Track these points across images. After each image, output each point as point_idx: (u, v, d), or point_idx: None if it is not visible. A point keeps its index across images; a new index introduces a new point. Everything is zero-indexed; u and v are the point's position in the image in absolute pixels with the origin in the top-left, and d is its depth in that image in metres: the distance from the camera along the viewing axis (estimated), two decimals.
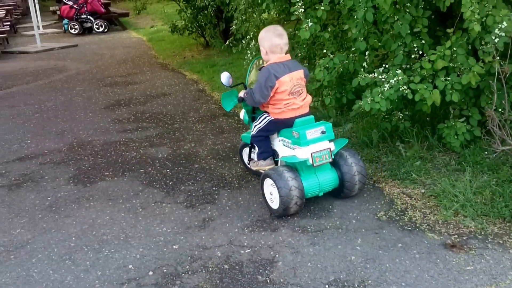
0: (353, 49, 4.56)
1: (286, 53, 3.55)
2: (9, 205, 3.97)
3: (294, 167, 3.46)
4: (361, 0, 3.73)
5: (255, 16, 5.99)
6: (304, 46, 5.55)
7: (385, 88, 3.58)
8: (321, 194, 3.54)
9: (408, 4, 3.70)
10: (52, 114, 6.58)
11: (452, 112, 3.90)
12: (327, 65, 4.31)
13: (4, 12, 13.75)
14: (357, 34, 3.99)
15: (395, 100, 3.61)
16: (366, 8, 3.71)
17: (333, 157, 3.46)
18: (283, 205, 3.32)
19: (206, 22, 9.82)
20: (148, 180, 4.29)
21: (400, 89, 3.60)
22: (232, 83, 3.84)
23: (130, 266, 3.02)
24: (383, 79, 3.67)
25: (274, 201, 3.45)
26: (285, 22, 6.12)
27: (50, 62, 10.68)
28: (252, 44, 5.97)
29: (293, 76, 3.48)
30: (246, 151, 4.17)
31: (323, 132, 3.43)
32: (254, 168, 3.87)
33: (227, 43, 6.65)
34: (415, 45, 3.81)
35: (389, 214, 3.41)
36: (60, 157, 4.98)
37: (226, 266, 2.95)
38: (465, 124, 3.83)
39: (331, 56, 4.35)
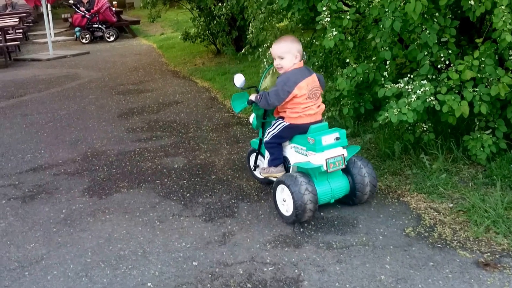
0: (373, 58, 4.45)
1: (302, 60, 3.67)
2: (23, 217, 3.88)
3: (307, 173, 3.45)
4: (388, 9, 3.62)
5: (273, 23, 5.90)
6: (321, 55, 5.45)
7: (412, 99, 3.45)
8: (332, 201, 3.54)
9: (437, 14, 3.59)
10: (65, 122, 6.51)
11: (477, 123, 3.78)
12: (349, 75, 4.19)
13: (17, 19, 13.74)
14: (382, 43, 3.88)
15: (421, 111, 3.49)
16: (393, 18, 3.60)
17: (346, 163, 3.48)
18: (297, 210, 3.30)
19: (219, 30, 9.75)
20: (164, 191, 4.19)
21: (427, 100, 3.47)
22: (244, 86, 3.83)
23: (149, 284, 2.91)
24: (409, 90, 3.55)
25: (287, 208, 3.43)
26: (302, 31, 6.01)
27: (62, 69, 10.65)
28: (269, 52, 5.88)
29: (309, 81, 3.57)
30: (253, 156, 4.15)
31: (337, 139, 3.46)
32: (264, 175, 3.84)
33: (243, 51, 6.55)
34: (441, 55, 3.68)
35: (417, 230, 3.28)
36: (74, 168, 4.90)
37: (249, 285, 2.83)
38: (491, 136, 3.70)
39: (354, 65, 4.24)
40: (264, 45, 6.07)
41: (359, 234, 3.28)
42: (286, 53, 3.58)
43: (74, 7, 15.49)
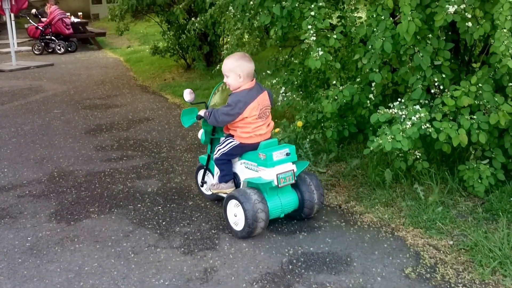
0: (358, 79, 4.35)
1: (253, 78, 3.68)
2: None
3: (258, 188, 3.49)
4: (378, 29, 3.51)
5: (249, 40, 5.75)
6: (300, 73, 5.33)
7: (407, 126, 3.32)
8: (282, 215, 3.61)
9: (430, 35, 3.49)
10: (30, 139, 6.17)
11: (473, 152, 3.66)
12: (336, 97, 4.06)
13: None
14: (371, 65, 3.76)
15: (415, 139, 3.36)
16: (384, 38, 3.49)
17: (295, 179, 3.53)
18: (249, 228, 3.38)
19: (189, 45, 9.55)
20: (138, 218, 3.94)
21: (423, 127, 3.35)
22: (194, 101, 3.83)
23: None
24: (403, 116, 3.42)
25: (238, 223, 3.49)
26: (280, 48, 5.89)
27: (26, 81, 10.22)
28: None
29: (260, 101, 3.61)
30: (201, 172, 4.18)
31: (287, 154, 3.52)
32: (214, 191, 3.85)
33: (217, 67, 6.37)
34: (435, 79, 3.58)
35: (417, 270, 3.08)
36: (40, 189, 4.59)
37: None
38: (488, 167, 3.57)
39: (341, 87, 4.12)
40: None
41: (354, 274, 3.06)
42: (229, 71, 3.61)
43: (28, 17, 15.19)
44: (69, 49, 14.66)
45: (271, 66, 5.83)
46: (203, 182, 4.14)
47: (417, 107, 3.49)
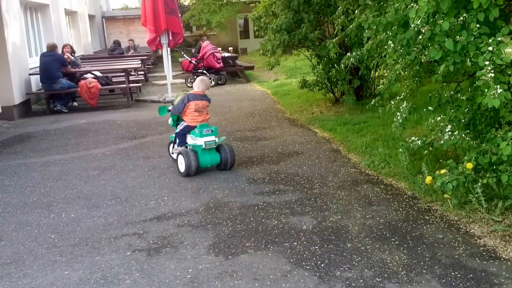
0: None
1: (202, 90, 6.37)
2: (148, 274, 3.66)
3: (195, 150, 6.14)
4: None
5: (409, 74, 5.46)
6: (467, 110, 4.90)
7: None
8: (210, 166, 6.18)
9: None
10: None
11: None
12: None
13: (139, 62, 14.41)
14: None
15: None
16: None
17: (216, 145, 6.13)
18: (187, 170, 5.99)
19: (339, 78, 9.43)
20: (295, 258, 3.81)
21: None
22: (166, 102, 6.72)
23: None
24: None
25: (182, 168, 6.06)
26: (443, 84, 5.50)
27: None
28: (404, 105, 5.43)
29: (198, 103, 6.25)
30: (171, 145, 6.74)
31: (212, 131, 6.13)
32: (175, 152, 6.38)
33: (372, 102, 6.15)
34: None
35: None
36: (198, 219, 4.68)
37: None
38: None
39: None
40: (397, 98, 5.64)
41: None
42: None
43: (182, 52, 16.23)
44: (219, 82, 15.36)
45: (433, 102, 5.46)
46: (173, 154, 6.63)
47: None
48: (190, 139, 6.24)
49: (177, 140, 6.40)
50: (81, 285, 3.58)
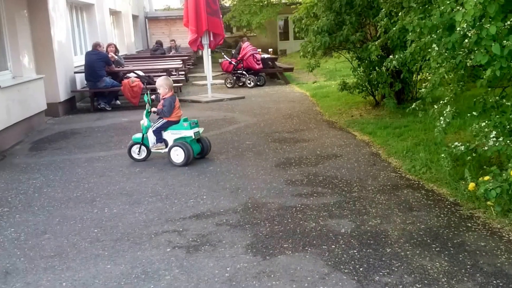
0: None
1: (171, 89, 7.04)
2: (188, 271, 3.72)
3: (184, 141, 6.76)
4: None
5: (454, 78, 5.37)
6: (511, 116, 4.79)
7: None
8: (195, 155, 6.82)
9: None
10: (225, 168, 6.48)
11: None
12: None
13: (181, 62, 14.61)
14: None
15: None
16: None
17: (199, 136, 6.96)
18: (186, 159, 6.61)
19: (381, 81, 9.34)
20: (333, 261, 3.80)
21: None
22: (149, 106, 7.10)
23: None
24: None
25: (179, 158, 6.66)
26: (489, 89, 5.39)
27: (220, 112, 10.94)
28: (448, 110, 5.34)
29: (177, 102, 7.01)
30: (132, 149, 7.09)
31: (196, 124, 6.96)
32: (154, 149, 6.92)
33: (413, 106, 6.06)
34: None
35: None
36: (236, 219, 4.73)
37: None
38: None
39: None
40: (441, 102, 5.55)
41: None
42: (160, 86, 6.97)
43: (223, 53, 16.39)
44: (258, 83, 15.44)
45: (478, 107, 5.36)
46: (139, 153, 7.05)
47: None
48: (170, 135, 6.84)
49: (154, 138, 6.92)
50: (123, 279, 3.67)
